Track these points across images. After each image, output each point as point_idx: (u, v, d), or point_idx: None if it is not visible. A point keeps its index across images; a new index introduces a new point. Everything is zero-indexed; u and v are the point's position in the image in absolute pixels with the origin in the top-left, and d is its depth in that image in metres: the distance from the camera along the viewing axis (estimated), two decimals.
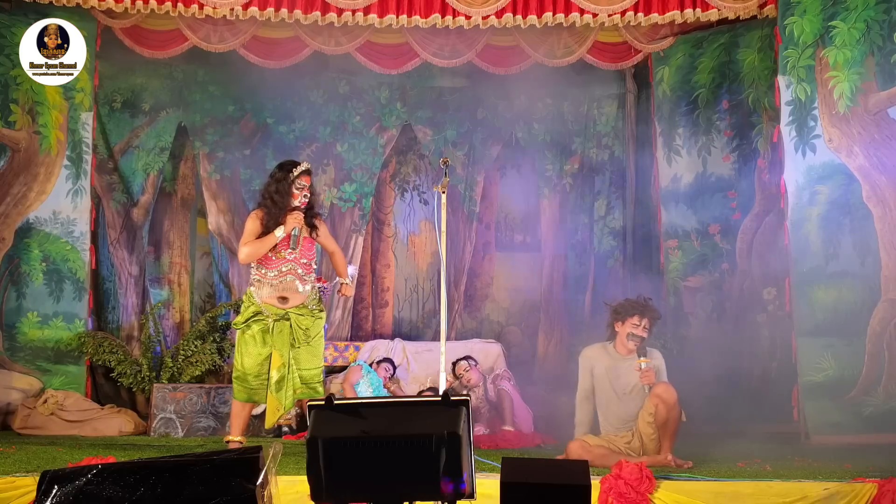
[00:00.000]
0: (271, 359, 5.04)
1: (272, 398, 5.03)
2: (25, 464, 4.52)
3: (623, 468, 3.99)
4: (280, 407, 5.03)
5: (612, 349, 5.12)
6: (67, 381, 7.08)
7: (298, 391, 5.01)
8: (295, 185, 5.08)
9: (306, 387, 5.02)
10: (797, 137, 6.44)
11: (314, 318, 5.11)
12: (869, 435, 5.97)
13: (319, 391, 5.06)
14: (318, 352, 5.12)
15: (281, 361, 5.00)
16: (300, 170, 5.12)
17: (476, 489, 2.64)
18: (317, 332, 5.12)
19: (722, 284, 7.44)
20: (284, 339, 5.01)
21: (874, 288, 6.19)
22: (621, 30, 7.41)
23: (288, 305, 5.04)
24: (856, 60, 6.32)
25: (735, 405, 7.13)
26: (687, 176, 7.65)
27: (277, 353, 5.00)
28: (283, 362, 5.00)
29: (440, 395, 2.72)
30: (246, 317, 5.09)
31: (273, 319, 5.02)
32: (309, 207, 5.19)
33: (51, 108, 7.14)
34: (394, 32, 7.40)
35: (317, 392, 5.04)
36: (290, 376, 5.00)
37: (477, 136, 8.52)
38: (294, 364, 5.00)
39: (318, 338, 5.15)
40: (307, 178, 5.12)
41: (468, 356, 7.13)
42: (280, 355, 5.00)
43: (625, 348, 5.05)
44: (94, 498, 2.35)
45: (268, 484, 2.44)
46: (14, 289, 7.07)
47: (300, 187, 5.09)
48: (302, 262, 5.08)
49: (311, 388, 5.03)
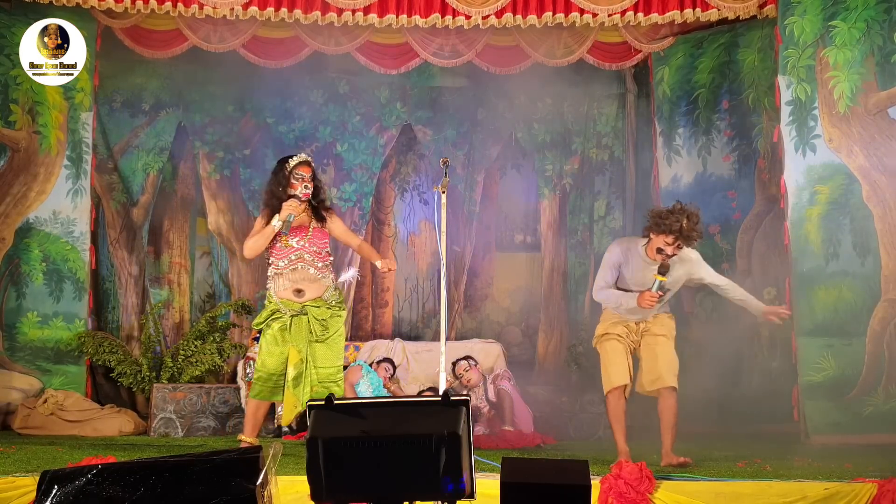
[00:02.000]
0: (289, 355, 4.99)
1: (290, 394, 4.95)
2: (25, 464, 4.52)
3: (623, 468, 3.99)
4: (298, 403, 4.94)
5: (642, 250, 4.93)
6: (67, 381, 7.08)
7: (315, 389, 4.92)
8: (293, 175, 5.01)
9: (321, 385, 4.94)
10: (797, 137, 6.44)
11: (332, 313, 5.02)
12: (869, 435, 5.97)
13: (336, 390, 4.94)
14: (337, 349, 5.02)
15: (299, 357, 4.94)
16: (297, 160, 5.06)
17: (476, 489, 2.64)
18: (336, 328, 5.02)
19: None
20: (302, 334, 4.95)
21: (874, 288, 6.19)
22: (621, 30, 7.41)
23: (304, 299, 4.98)
24: (856, 60, 6.32)
25: (735, 405, 7.13)
26: (687, 176, 7.66)
27: (295, 350, 4.93)
28: (300, 358, 4.93)
29: (440, 394, 2.72)
30: (265, 316, 5.04)
31: (291, 315, 4.97)
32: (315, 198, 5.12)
33: (51, 108, 7.14)
34: (394, 32, 7.40)
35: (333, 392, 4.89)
36: (307, 372, 4.93)
37: (477, 136, 8.53)
38: (311, 361, 4.94)
39: (338, 335, 5.05)
40: (306, 169, 5.05)
41: (468, 356, 7.13)
42: (298, 351, 4.94)
43: (652, 254, 4.87)
44: (94, 498, 2.34)
45: (268, 484, 2.44)
46: (14, 289, 7.07)
47: (298, 178, 5.01)
48: (312, 250, 5.00)
49: (326, 386, 4.94)
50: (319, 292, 4.98)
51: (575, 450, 5.85)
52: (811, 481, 4.07)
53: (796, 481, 4.09)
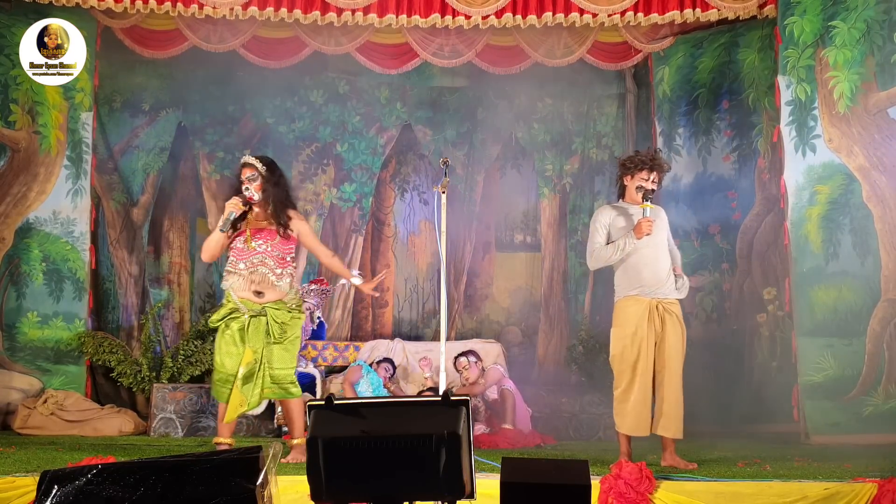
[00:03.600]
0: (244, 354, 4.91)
1: (236, 393, 4.86)
2: (25, 464, 4.52)
3: (623, 468, 3.98)
4: (244, 403, 4.86)
5: (622, 203, 5.05)
6: (67, 381, 7.09)
7: (267, 390, 4.86)
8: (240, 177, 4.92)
9: (278, 386, 4.87)
10: (797, 137, 6.44)
11: (292, 316, 4.96)
12: (869, 435, 5.97)
13: (293, 392, 4.91)
14: (292, 352, 4.96)
15: (253, 357, 4.87)
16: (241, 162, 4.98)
17: (476, 489, 2.64)
18: (294, 332, 4.97)
19: (722, 284, 7.44)
20: (259, 334, 4.88)
21: (874, 288, 6.19)
22: (621, 30, 7.41)
23: (264, 300, 4.89)
24: (856, 60, 6.33)
25: (735, 405, 7.13)
26: (687, 176, 7.66)
27: (250, 350, 4.87)
28: (255, 358, 4.87)
29: (440, 394, 2.72)
30: (222, 314, 4.96)
31: (249, 315, 4.90)
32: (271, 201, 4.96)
33: (51, 108, 7.14)
34: (394, 32, 7.40)
35: (289, 393, 4.90)
36: (260, 372, 4.84)
37: (477, 136, 8.53)
38: (266, 362, 4.86)
39: (296, 339, 5.00)
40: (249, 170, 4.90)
41: (471, 351, 7.09)
42: (253, 351, 4.87)
43: (633, 200, 4.98)
44: (94, 498, 2.34)
45: (268, 484, 2.43)
46: (14, 289, 7.08)
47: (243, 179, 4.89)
48: (274, 255, 4.92)
49: (282, 388, 4.89)
50: (280, 295, 4.91)
51: (575, 450, 5.85)
52: (811, 481, 4.07)
53: (796, 481, 4.08)
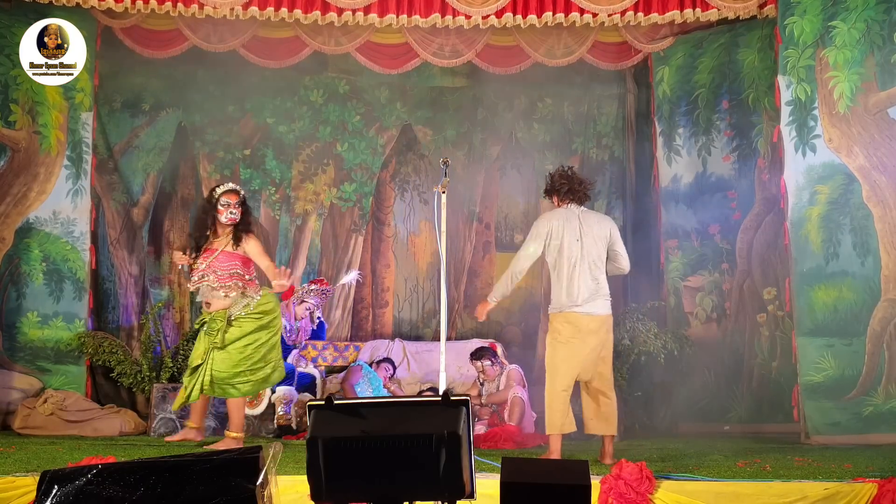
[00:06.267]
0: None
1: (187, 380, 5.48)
2: (25, 464, 4.52)
3: (623, 468, 3.99)
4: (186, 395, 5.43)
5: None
6: (67, 381, 7.08)
7: (206, 388, 5.37)
8: (220, 202, 5.47)
9: (217, 386, 5.39)
10: (797, 137, 6.44)
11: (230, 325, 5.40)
12: (869, 435, 5.98)
13: (230, 392, 5.43)
14: (232, 358, 5.40)
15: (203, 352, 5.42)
16: (224, 188, 5.53)
17: (476, 489, 2.64)
18: (233, 338, 5.40)
19: (722, 284, 7.45)
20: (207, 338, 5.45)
21: (874, 288, 6.19)
22: (621, 30, 7.41)
23: (211, 310, 5.46)
24: (856, 60, 6.32)
25: (735, 405, 7.13)
26: (687, 176, 7.66)
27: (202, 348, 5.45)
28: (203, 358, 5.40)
29: (440, 394, 2.72)
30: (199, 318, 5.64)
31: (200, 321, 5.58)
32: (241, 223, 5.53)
33: (51, 108, 7.14)
34: (394, 32, 7.40)
35: (227, 393, 5.43)
36: (201, 369, 5.39)
37: (477, 136, 8.52)
38: (210, 362, 5.39)
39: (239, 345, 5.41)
40: (233, 196, 5.50)
41: (488, 349, 7.21)
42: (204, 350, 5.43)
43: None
44: (94, 498, 2.34)
45: (268, 484, 2.43)
46: (14, 289, 7.07)
47: (225, 204, 5.47)
48: (216, 273, 5.42)
49: (220, 387, 5.41)
50: (224, 306, 5.43)
51: (575, 450, 5.84)
52: (811, 481, 4.08)
53: (796, 481, 4.09)
